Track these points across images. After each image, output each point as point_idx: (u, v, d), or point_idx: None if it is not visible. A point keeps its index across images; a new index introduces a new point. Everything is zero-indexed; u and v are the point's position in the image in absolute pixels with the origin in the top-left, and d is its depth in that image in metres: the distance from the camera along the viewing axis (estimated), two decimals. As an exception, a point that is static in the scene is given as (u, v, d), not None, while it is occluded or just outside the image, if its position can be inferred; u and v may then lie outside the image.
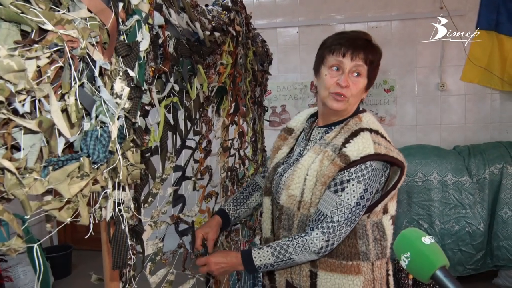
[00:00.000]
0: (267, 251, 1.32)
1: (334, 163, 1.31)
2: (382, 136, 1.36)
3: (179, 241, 1.50)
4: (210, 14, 1.58)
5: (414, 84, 4.31)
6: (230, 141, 2.09)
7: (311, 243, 1.28)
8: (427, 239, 0.95)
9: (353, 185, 1.28)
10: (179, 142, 1.40)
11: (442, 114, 4.28)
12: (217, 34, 1.54)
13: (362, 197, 1.28)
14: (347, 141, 1.33)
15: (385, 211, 1.41)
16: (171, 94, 1.25)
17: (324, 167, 1.32)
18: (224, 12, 1.76)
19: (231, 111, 2.02)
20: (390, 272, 1.47)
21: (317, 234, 1.28)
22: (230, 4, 1.84)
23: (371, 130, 1.35)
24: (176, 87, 1.23)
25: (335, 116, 1.43)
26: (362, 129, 1.34)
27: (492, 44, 4.03)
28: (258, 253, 1.33)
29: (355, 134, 1.34)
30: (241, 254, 1.37)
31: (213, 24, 1.53)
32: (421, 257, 0.93)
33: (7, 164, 0.57)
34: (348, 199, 1.28)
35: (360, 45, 1.35)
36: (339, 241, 1.30)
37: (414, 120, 4.33)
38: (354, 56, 1.33)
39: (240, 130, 2.24)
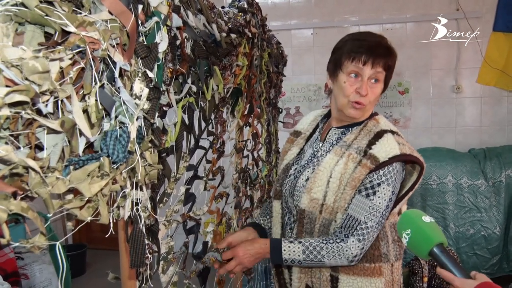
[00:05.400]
0: (299, 248, 1.29)
1: (363, 165, 1.30)
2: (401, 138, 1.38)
3: (185, 239, 1.50)
4: (227, 16, 1.59)
5: (429, 86, 4.27)
6: (243, 142, 2.09)
7: (347, 250, 1.27)
8: (427, 218, 1.02)
9: (383, 188, 1.29)
10: (193, 142, 1.41)
11: (457, 116, 4.24)
12: (233, 35, 1.55)
13: (390, 200, 1.30)
14: (371, 143, 1.33)
15: (399, 212, 1.42)
16: (187, 95, 1.26)
17: (350, 169, 1.31)
18: (240, 14, 1.77)
19: (246, 112, 2.03)
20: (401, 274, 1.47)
21: (353, 241, 1.27)
22: (246, 6, 1.85)
23: (392, 132, 1.35)
24: (194, 88, 1.24)
25: (351, 119, 1.41)
26: (385, 131, 1.35)
27: (510, 46, 3.96)
28: (289, 246, 1.30)
29: (379, 135, 1.34)
30: (270, 242, 1.33)
31: (230, 26, 1.54)
32: (420, 234, 1.00)
33: (31, 163, 0.58)
34: (379, 203, 1.28)
35: (381, 53, 1.33)
36: (369, 246, 1.31)
37: (429, 123, 4.29)
38: (375, 65, 1.32)
39: (254, 131, 2.24)
